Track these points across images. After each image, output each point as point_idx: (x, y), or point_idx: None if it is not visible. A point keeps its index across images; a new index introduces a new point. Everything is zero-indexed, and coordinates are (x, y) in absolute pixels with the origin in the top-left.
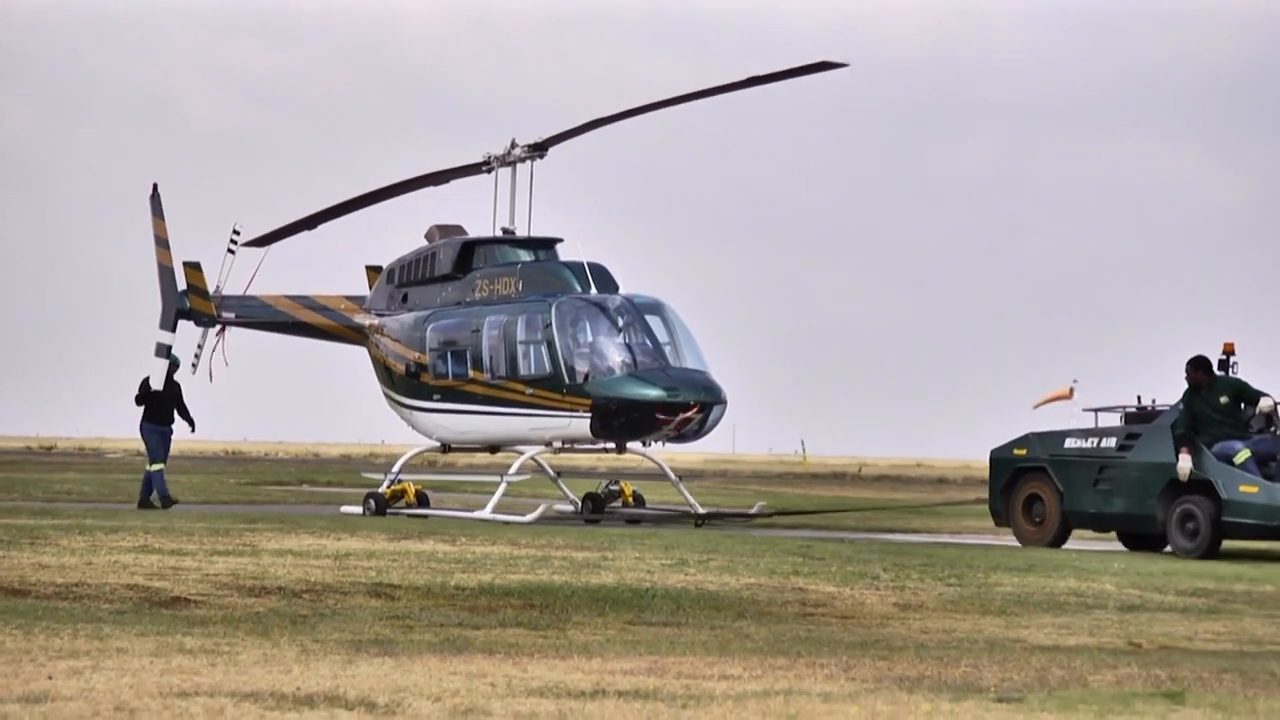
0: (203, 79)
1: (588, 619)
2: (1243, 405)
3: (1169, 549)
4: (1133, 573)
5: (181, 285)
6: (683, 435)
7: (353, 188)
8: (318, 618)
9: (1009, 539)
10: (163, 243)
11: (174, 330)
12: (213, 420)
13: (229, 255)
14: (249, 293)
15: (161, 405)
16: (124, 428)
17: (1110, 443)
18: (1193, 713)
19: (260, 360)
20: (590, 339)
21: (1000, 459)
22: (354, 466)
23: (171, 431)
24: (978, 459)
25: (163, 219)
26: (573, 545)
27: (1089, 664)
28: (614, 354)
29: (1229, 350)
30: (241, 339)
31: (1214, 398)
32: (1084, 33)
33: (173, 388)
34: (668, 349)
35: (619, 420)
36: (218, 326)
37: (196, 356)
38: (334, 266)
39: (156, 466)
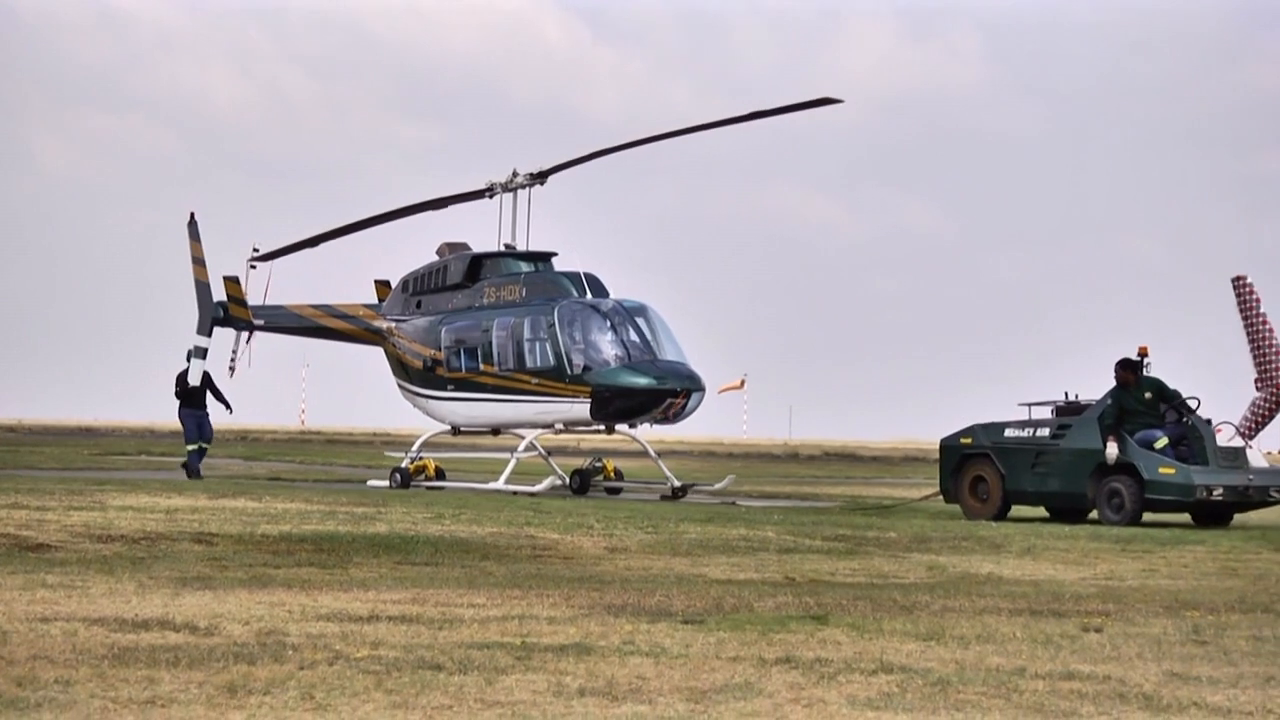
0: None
1: (365, 560)
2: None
3: (1094, 520)
4: (789, 523)
5: (218, 297)
6: (668, 418)
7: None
8: (152, 559)
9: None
10: (199, 262)
11: (210, 335)
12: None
13: (250, 269)
14: (273, 303)
15: (195, 395)
16: None
17: (1045, 432)
18: (834, 631)
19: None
20: (589, 336)
21: (949, 446)
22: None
23: (207, 415)
24: (673, 435)
25: (199, 241)
26: (354, 503)
27: (755, 594)
28: (609, 349)
29: (1144, 353)
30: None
31: (1140, 394)
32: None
33: (203, 376)
34: (654, 344)
35: (615, 405)
36: (249, 332)
37: (233, 360)
38: (344, 279)
39: (191, 447)
